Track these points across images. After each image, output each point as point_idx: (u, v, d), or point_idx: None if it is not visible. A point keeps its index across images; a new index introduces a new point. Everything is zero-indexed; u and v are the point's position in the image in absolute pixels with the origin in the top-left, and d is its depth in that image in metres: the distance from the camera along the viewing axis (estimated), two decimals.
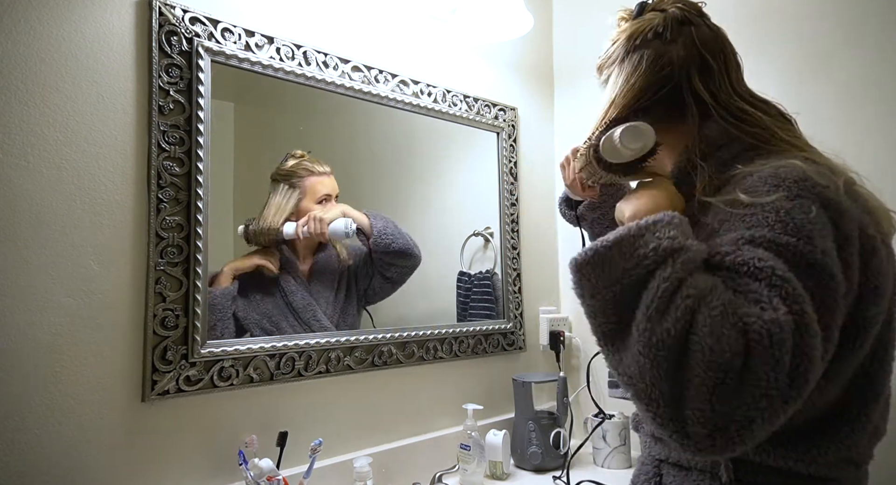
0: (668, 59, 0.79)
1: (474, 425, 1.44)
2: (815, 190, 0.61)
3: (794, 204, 0.59)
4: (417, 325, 1.51)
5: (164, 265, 1.09)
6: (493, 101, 1.76)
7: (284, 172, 1.34)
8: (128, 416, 1.05)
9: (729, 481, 0.67)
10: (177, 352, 1.09)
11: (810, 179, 0.62)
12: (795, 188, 0.61)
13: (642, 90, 0.79)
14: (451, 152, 1.69)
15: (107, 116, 1.06)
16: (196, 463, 1.12)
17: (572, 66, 1.95)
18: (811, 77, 1.38)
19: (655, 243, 0.56)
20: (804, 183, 0.62)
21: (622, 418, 1.57)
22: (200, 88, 1.14)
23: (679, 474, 0.73)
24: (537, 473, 1.50)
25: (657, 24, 0.81)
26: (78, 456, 1.00)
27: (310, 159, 1.36)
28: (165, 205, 1.10)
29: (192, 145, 1.13)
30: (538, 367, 1.83)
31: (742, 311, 0.51)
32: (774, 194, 0.61)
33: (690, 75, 0.78)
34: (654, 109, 0.79)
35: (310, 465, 1.16)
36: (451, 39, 1.67)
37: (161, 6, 1.11)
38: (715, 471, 0.69)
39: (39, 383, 0.97)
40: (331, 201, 1.38)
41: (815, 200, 0.60)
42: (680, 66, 0.78)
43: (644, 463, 0.80)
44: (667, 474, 0.75)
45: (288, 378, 1.25)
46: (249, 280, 1.28)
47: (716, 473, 0.69)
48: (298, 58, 1.31)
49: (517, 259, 1.78)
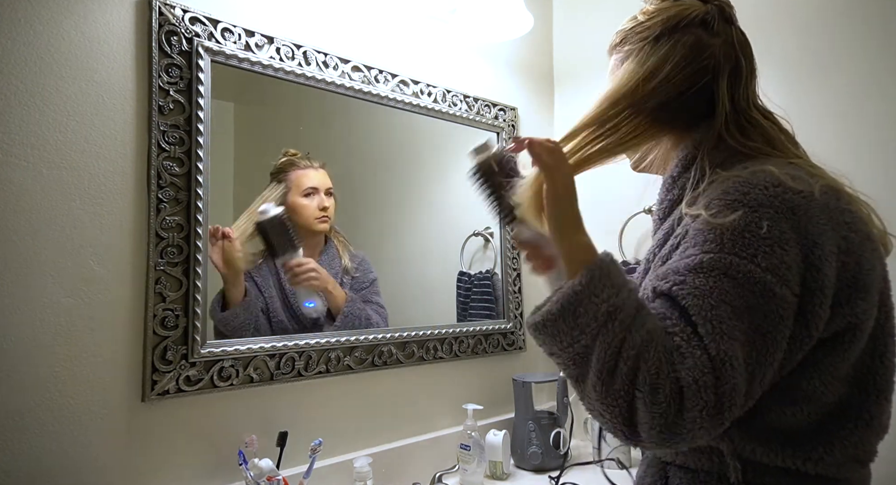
0: (711, 52, 0.75)
1: (474, 425, 1.44)
2: (784, 196, 0.64)
3: (748, 220, 0.63)
4: (417, 325, 1.51)
5: (164, 265, 1.09)
6: (493, 101, 1.76)
7: (274, 168, 1.35)
8: (128, 416, 1.05)
9: (737, 481, 0.67)
10: (177, 352, 1.09)
11: (782, 184, 0.64)
12: (761, 196, 0.63)
13: (673, 78, 0.75)
14: (451, 152, 1.69)
15: (107, 116, 1.06)
16: (196, 463, 1.12)
17: (572, 66, 1.95)
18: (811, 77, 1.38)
19: (595, 310, 0.63)
20: (773, 189, 0.64)
21: None
22: (200, 88, 1.14)
23: (686, 476, 0.72)
24: (537, 473, 1.50)
25: (706, 11, 0.76)
26: (78, 456, 1.00)
27: (300, 156, 1.37)
28: (165, 205, 1.10)
29: (192, 145, 1.13)
30: (538, 367, 1.83)
31: (671, 363, 0.59)
32: (734, 213, 0.63)
33: (721, 76, 0.75)
34: (671, 105, 0.76)
35: (310, 465, 1.16)
36: (451, 39, 1.67)
37: (161, 6, 1.11)
38: (723, 472, 0.68)
39: (39, 382, 0.97)
40: (319, 194, 1.38)
41: (780, 209, 0.63)
42: (717, 64, 0.75)
43: (650, 465, 0.79)
44: (673, 476, 0.74)
45: (288, 378, 1.25)
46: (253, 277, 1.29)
47: (724, 474, 0.68)
48: (298, 58, 1.31)
49: (517, 259, 1.78)
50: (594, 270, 0.65)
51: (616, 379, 0.60)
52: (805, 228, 0.63)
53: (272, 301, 1.30)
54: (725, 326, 0.59)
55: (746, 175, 0.66)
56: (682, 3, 0.78)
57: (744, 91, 0.76)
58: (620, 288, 0.64)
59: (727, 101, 0.75)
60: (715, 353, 0.58)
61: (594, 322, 0.62)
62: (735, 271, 0.61)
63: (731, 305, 0.60)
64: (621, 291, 0.64)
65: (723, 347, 0.58)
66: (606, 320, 0.62)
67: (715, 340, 0.59)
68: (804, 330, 0.63)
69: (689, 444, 0.60)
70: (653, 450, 0.62)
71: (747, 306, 0.60)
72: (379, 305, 1.46)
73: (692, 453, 0.71)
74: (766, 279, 0.60)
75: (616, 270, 0.66)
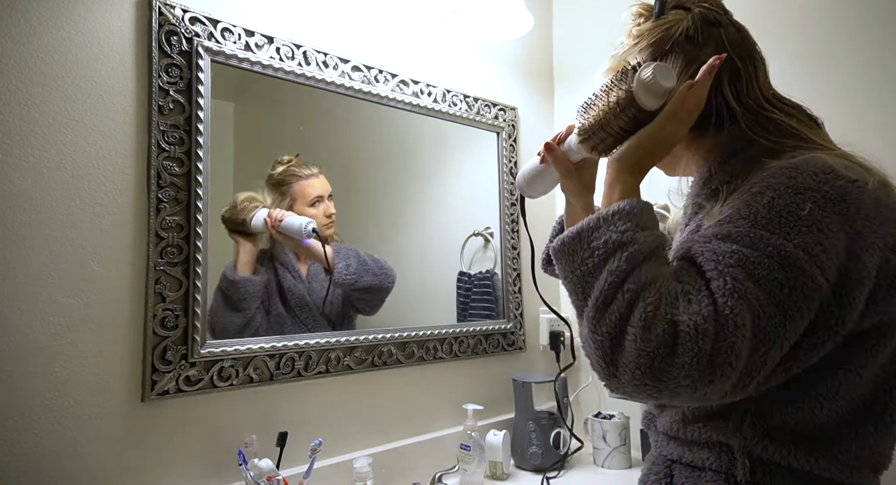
0: (700, 65, 0.73)
1: (474, 425, 1.44)
2: (835, 183, 0.62)
3: (789, 201, 0.61)
4: (417, 325, 1.51)
5: (164, 265, 1.09)
6: (492, 101, 1.76)
7: (274, 180, 1.34)
8: (128, 416, 1.05)
9: (745, 480, 0.66)
10: (176, 352, 1.09)
11: (834, 171, 0.63)
12: (810, 181, 0.62)
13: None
14: (450, 152, 1.69)
15: (107, 116, 1.06)
16: (196, 463, 1.12)
17: (572, 66, 1.95)
18: (811, 78, 1.38)
19: (606, 237, 0.63)
20: (824, 176, 0.62)
21: (622, 418, 1.57)
22: (200, 88, 1.14)
23: (692, 474, 0.71)
24: (537, 473, 1.50)
25: (687, 26, 0.75)
26: (78, 456, 1.00)
27: (297, 163, 1.36)
28: (165, 205, 1.10)
29: (192, 145, 1.13)
30: (538, 367, 1.82)
31: (673, 305, 0.58)
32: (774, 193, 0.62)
33: (721, 81, 0.73)
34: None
35: (310, 465, 1.16)
36: (451, 39, 1.67)
37: (161, 6, 1.11)
38: (730, 471, 0.67)
39: (39, 382, 0.97)
40: (324, 202, 1.38)
41: (828, 195, 0.61)
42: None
43: (654, 463, 0.78)
44: (678, 474, 0.73)
45: (288, 378, 1.25)
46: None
47: (731, 474, 0.67)
48: (298, 58, 1.31)
49: (517, 259, 1.78)
50: (627, 205, 0.65)
51: (610, 311, 0.60)
52: (853, 216, 0.61)
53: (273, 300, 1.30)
54: (740, 286, 0.57)
55: (796, 161, 0.65)
56: (664, 21, 0.77)
57: (749, 89, 0.74)
58: (642, 229, 0.64)
59: (736, 104, 0.74)
60: (723, 306, 0.56)
61: (604, 247, 0.63)
62: (763, 244, 0.59)
63: (751, 272, 0.58)
64: (643, 232, 0.64)
65: (731, 303, 0.56)
66: (616, 249, 0.62)
67: (725, 295, 0.57)
68: (834, 321, 0.61)
69: (666, 399, 0.59)
70: (626, 397, 0.61)
71: (770, 277, 0.58)
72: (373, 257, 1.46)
73: (699, 450, 0.71)
74: (797, 255, 0.58)
75: (646, 215, 0.66)
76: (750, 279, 0.58)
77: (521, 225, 1.73)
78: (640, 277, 0.60)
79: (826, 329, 0.61)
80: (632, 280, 0.60)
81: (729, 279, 0.58)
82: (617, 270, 0.61)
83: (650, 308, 0.57)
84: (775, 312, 0.58)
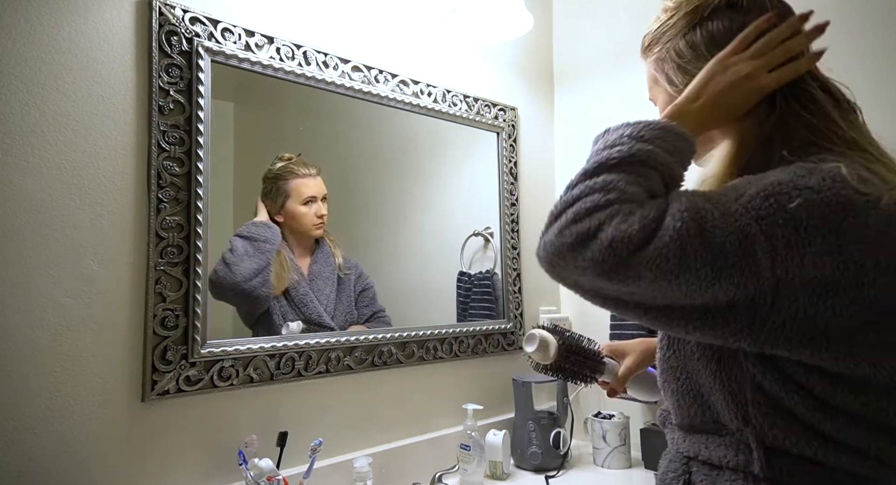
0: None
1: (474, 425, 1.44)
2: (841, 192, 0.57)
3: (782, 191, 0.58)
4: (417, 325, 1.51)
5: (164, 265, 1.09)
6: (493, 101, 1.76)
7: (272, 174, 1.35)
8: (128, 416, 1.05)
9: (761, 472, 0.64)
10: (177, 352, 1.09)
11: (844, 180, 0.58)
12: (815, 182, 0.58)
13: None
14: (450, 152, 1.69)
15: (107, 116, 1.06)
16: (196, 463, 1.12)
17: (572, 66, 1.95)
18: None
19: (618, 139, 0.65)
20: (831, 182, 0.58)
21: (622, 417, 1.57)
22: (200, 88, 1.14)
23: (710, 472, 0.69)
24: (537, 473, 1.50)
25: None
26: (78, 456, 1.00)
27: (297, 162, 1.37)
28: (165, 205, 1.10)
29: (192, 145, 1.13)
30: None
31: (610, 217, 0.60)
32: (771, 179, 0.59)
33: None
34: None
35: (310, 465, 1.16)
36: (451, 39, 1.67)
37: (161, 6, 1.11)
38: (748, 469, 0.65)
39: (39, 383, 0.97)
40: (317, 202, 1.39)
41: (828, 201, 0.57)
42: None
43: (672, 460, 0.76)
44: (696, 471, 0.71)
45: (288, 378, 1.25)
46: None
47: (749, 471, 0.65)
48: (298, 58, 1.31)
49: (517, 259, 1.78)
50: (661, 123, 0.66)
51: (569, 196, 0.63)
52: (847, 231, 0.57)
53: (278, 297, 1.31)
54: (685, 234, 0.57)
55: (811, 165, 0.61)
56: None
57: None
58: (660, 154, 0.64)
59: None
60: (658, 239, 0.57)
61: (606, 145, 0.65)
62: (734, 219, 0.57)
63: (704, 230, 0.57)
64: (658, 155, 0.64)
65: (667, 241, 0.57)
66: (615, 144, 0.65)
67: (667, 233, 0.57)
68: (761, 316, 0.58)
69: (570, 262, 0.61)
70: (543, 264, 0.65)
71: (719, 243, 0.57)
72: (382, 312, 1.50)
73: (717, 447, 0.69)
74: (757, 238, 0.56)
75: (671, 143, 0.66)
76: (699, 236, 0.57)
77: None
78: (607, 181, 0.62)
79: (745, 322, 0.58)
80: (602, 179, 0.62)
81: (681, 224, 0.57)
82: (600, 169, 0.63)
83: (589, 204, 0.61)
84: (705, 273, 0.57)
